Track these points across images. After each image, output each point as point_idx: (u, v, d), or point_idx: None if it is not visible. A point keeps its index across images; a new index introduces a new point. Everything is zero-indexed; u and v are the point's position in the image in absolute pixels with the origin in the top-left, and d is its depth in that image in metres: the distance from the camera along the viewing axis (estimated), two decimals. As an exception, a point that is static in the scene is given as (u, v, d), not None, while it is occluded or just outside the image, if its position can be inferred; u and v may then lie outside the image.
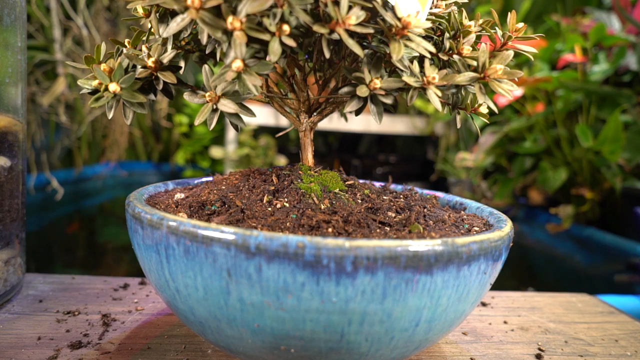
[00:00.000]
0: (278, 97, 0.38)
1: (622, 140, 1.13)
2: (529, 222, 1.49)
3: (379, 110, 0.31)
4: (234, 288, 0.27)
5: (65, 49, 1.59)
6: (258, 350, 0.30)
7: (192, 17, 0.27)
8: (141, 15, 0.33)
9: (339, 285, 0.25)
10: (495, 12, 0.35)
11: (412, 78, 0.30)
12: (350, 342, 0.28)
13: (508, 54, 0.32)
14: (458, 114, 0.36)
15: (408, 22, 0.28)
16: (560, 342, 0.44)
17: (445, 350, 0.41)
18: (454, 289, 0.28)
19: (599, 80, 1.29)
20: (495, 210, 0.38)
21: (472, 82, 0.32)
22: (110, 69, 0.33)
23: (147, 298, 0.49)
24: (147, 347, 0.38)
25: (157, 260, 0.30)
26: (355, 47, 0.28)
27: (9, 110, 0.44)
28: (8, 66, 0.43)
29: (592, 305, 0.55)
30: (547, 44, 1.39)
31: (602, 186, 1.29)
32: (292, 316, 0.27)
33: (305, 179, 0.37)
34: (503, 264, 0.32)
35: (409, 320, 0.28)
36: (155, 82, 0.33)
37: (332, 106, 0.38)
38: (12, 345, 0.37)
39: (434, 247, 0.26)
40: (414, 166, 2.20)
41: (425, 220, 0.34)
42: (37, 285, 0.50)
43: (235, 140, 2.07)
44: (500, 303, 0.54)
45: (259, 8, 0.26)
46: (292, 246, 0.25)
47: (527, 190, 1.49)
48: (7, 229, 0.45)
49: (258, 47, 0.29)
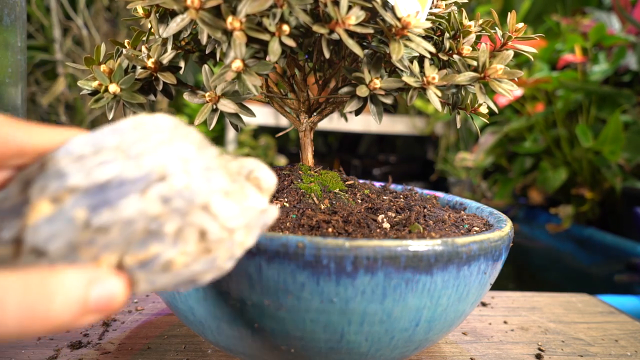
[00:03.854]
0: (278, 97, 0.38)
1: (622, 140, 1.13)
2: (528, 222, 1.49)
3: (379, 110, 0.31)
4: (235, 288, 0.27)
5: (65, 49, 1.59)
6: (258, 350, 0.30)
7: (192, 17, 0.27)
8: (141, 16, 0.33)
9: (339, 285, 0.25)
10: (495, 12, 0.35)
11: (412, 78, 0.30)
12: (350, 342, 0.28)
13: (508, 54, 0.32)
14: (458, 114, 0.36)
15: (408, 22, 0.28)
16: (560, 342, 0.44)
17: (445, 350, 0.41)
18: (454, 289, 0.28)
19: (599, 80, 1.29)
20: (495, 210, 0.38)
21: (472, 82, 0.32)
22: (110, 69, 0.33)
23: (147, 298, 0.49)
24: (147, 347, 0.38)
25: (157, 260, 0.30)
26: (355, 47, 0.28)
27: (9, 110, 0.44)
28: (8, 66, 0.43)
29: (592, 305, 0.55)
30: (547, 44, 1.39)
31: (602, 186, 1.29)
32: (292, 316, 0.27)
33: (305, 179, 0.37)
34: (503, 264, 0.32)
35: (409, 320, 0.28)
36: (155, 82, 0.34)
37: (332, 106, 0.38)
38: (12, 345, 0.37)
39: (434, 247, 0.26)
40: (414, 166, 2.19)
41: (425, 220, 0.34)
42: (37, 286, 0.50)
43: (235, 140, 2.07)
44: (500, 303, 0.54)
45: (258, 8, 0.26)
46: (292, 246, 0.25)
47: (527, 190, 1.49)
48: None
49: (258, 47, 0.29)
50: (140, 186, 0.18)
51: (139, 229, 0.18)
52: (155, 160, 0.19)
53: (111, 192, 0.18)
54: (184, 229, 0.18)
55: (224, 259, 0.20)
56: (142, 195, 0.18)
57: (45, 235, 0.17)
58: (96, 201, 0.17)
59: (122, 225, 0.17)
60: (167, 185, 0.18)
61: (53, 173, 0.18)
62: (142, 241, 0.18)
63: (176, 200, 0.18)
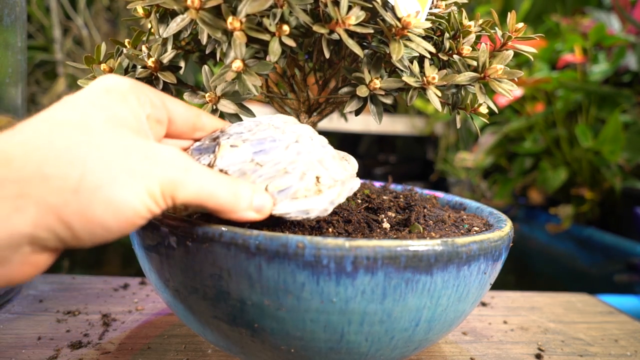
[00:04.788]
0: (278, 97, 0.38)
1: (622, 140, 1.13)
2: (528, 222, 1.49)
3: (379, 110, 0.31)
4: (234, 288, 0.27)
5: (65, 49, 1.59)
6: (258, 350, 0.30)
7: (192, 17, 0.27)
8: (141, 16, 0.33)
9: (339, 285, 0.25)
10: (495, 12, 0.35)
11: (412, 78, 0.30)
12: (350, 342, 0.28)
13: (508, 54, 0.32)
14: (458, 114, 0.36)
15: (408, 22, 0.28)
16: (560, 341, 0.44)
17: (445, 350, 0.41)
18: (454, 289, 0.28)
19: (599, 81, 1.29)
20: (495, 210, 0.38)
21: (472, 82, 0.32)
22: (110, 69, 0.33)
23: (147, 298, 0.49)
24: (147, 346, 0.38)
25: (157, 260, 0.30)
26: (355, 47, 0.28)
27: (9, 110, 0.44)
28: (8, 66, 0.43)
29: (592, 305, 0.55)
30: (547, 44, 1.39)
31: (601, 186, 1.29)
32: (292, 316, 0.27)
33: (305, 179, 0.37)
34: (503, 263, 0.32)
35: (409, 320, 0.28)
36: (155, 82, 0.34)
37: (332, 106, 0.38)
38: (12, 345, 0.37)
39: (434, 247, 0.26)
40: (413, 166, 2.19)
41: (425, 220, 0.34)
42: (37, 285, 0.50)
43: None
44: (500, 303, 0.54)
45: (258, 8, 0.26)
46: (292, 246, 0.25)
47: (527, 190, 1.49)
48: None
49: (258, 47, 0.29)
50: (284, 144, 0.29)
51: (281, 168, 0.27)
52: (293, 130, 0.30)
53: (267, 144, 0.28)
54: (307, 172, 0.28)
55: (329, 201, 0.28)
56: (285, 149, 0.28)
57: (228, 162, 0.28)
58: (258, 148, 0.28)
59: (271, 164, 0.27)
60: (300, 145, 0.29)
61: (233, 132, 0.30)
62: (282, 176, 0.27)
63: (304, 155, 0.28)
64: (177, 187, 0.23)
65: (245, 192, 0.26)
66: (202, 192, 0.24)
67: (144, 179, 0.22)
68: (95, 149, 0.21)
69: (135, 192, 0.22)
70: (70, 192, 0.20)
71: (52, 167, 0.20)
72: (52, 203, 0.20)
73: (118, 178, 0.21)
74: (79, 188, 0.20)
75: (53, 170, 0.20)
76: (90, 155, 0.21)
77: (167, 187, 0.23)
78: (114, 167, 0.21)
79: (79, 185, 0.20)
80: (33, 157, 0.20)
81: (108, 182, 0.21)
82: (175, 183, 0.23)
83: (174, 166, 0.24)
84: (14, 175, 0.20)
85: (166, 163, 0.23)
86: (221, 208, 0.25)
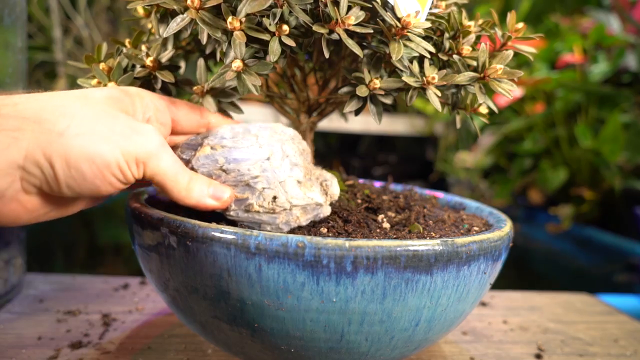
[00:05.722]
0: (278, 97, 0.38)
1: (621, 140, 1.13)
2: (528, 222, 1.49)
3: (379, 110, 0.31)
4: (234, 288, 0.27)
5: (65, 49, 1.58)
6: (258, 350, 0.30)
7: (192, 17, 0.27)
8: (141, 16, 0.33)
9: (339, 285, 0.25)
10: (495, 12, 0.35)
11: (412, 78, 0.30)
12: (350, 342, 0.28)
13: (508, 54, 0.32)
14: (458, 114, 0.36)
15: (408, 22, 0.28)
16: (560, 341, 0.44)
17: (445, 350, 0.41)
18: (454, 288, 0.28)
19: (599, 81, 1.29)
20: (495, 209, 0.38)
21: (471, 82, 0.32)
22: (109, 68, 0.33)
23: (147, 298, 0.49)
24: (147, 346, 0.38)
25: (157, 260, 0.30)
26: (355, 47, 0.28)
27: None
28: (8, 66, 0.43)
29: (592, 305, 0.55)
30: (547, 44, 1.39)
31: (601, 186, 1.29)
32: (292, 316, 0.27)
33: (305, 179, 0.37)
34: (503, 263, 0.32)
35: (408, 320, 0.28)
36: (154, 81, 0.34)
37: (332, 106, 0.38)
38: (13, 345, 0.37)
39: (434, 247, 0.26)
40: (413, 166, 2.19)
41: (425, 220, 0.34)
42: (37, 285, 0.50)
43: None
44: (500, 303, 0.54)
45: (258, 8, 0.26)
46: (292, 246, 0.25)
47: (527, 190, 1.49)
48: (8, 228, 0.45)
49: (258, 47, 0.29)
50: (256, 158, 0.30)
51: (244, 180, 0.29)
52: (269, 149, 0.30)
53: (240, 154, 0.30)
54: (265, 191, 0.29)
55: (282, 221, 0.30)
56: (254, 164, 0.29)
57: (200, 163, 0.30)
58: (232, 156, 0.30)
59: (237, 174, 0.29)
60: (268, 163, 0.30)
61: (219, 135, 0.31)
62: (241, 188, 0.29)
63: (269, 173, 0.29)
64: (151, 159, 0.27)
65: (199, 183, 0.29)
66: (169, 170, 0.28)
67: (123, 140, 0.26)
68: (87, 109, 0.26)
69: (110, 148, 0.26)
70: (56, 134, 0.25)
71: (47, 113, 0.25)
72: (40, 140, 0.24)
73: (98, 132, 0.26)
74: (64, 133, 0.25)
75: (47, 116, 0.25)
76: (81, 112, 0.26)
77: (142, 156, 0.27)
78: (98, 125, 0.26)
79: (64, 131, 0.25)
80: (34, 105, 0.25)
81: (88, 133, 0.25)
82: (151, 155, 0.27)
83: (153, 141, 0.27)
84: (17, 114, 0.25)
85: (148, 137, 0.27)
86: (177, 191, 0.28)
